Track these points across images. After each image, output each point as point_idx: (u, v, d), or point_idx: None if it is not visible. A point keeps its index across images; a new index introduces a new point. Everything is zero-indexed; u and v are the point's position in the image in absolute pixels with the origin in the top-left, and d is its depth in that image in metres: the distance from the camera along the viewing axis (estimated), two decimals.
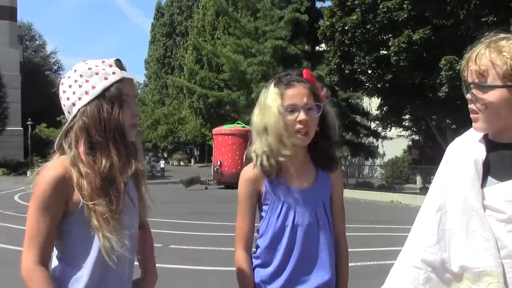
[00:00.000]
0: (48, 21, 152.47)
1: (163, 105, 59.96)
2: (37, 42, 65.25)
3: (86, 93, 1.52)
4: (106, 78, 1.54)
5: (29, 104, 45.04)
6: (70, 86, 1.55)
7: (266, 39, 27.03)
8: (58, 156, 1.55)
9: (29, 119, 39.58)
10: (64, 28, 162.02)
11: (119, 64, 1.59)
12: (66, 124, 1.54)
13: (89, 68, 1.55)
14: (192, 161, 60.07)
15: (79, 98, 1.53)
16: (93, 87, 1.52)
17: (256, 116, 1.86)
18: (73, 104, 1.54)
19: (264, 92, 1.87)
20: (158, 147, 58.60)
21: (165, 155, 59.22)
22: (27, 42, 61.40)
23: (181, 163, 55.93)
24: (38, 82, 52.04)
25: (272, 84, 1.84)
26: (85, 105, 1.51)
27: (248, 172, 1.87)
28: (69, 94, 1.55)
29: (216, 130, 26.83)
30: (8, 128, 40.25)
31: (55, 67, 65.83)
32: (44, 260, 1.47)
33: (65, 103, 1.56)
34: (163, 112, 55.99)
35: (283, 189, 1.85)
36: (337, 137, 1.91)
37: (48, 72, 62.07)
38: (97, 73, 1.54)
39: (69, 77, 1.57)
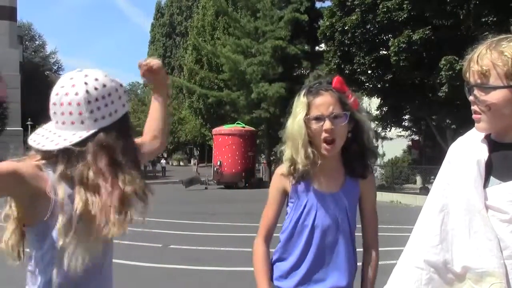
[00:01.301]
0: (48, 21, 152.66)
1: None
2: (37, 42, 65.27)
3: (110, 114, 1.47)
4: (124, 105, 1.52)
5: (29, 104, 45.03)
6: (96, 99, 1.44)
7: (266, 39, 27.03)
8: (37, 159, 1.46)
9: (29, 119, 39.58)
10: (64, 28, 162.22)
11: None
12: (81, 137, 1.43)
13: (116, 90, 1.50)
14: (192, 161, 60.07)
15: (103, 117, 1.45)
16: (116, 111, 1.49)
17: (288, 122, 1.92)
18: (95, 120, 1.44)
19: (296, 98, 1.92)
20: None
21: (165, 155, 59.20)
22: (27, 42, 61.40)
23: (181, 163, 55.92)
24: (38, 82, 52.00)
25: (302, 94, 1.89)
26: (108, 126, 1.46)
27: (281, 169, 1.95)
28: (93, 107, 1.44)
29: (216, 130, 26.83)
30: (8, 128, 40.24)
31: (55, 67, 65.81)
32: None
33: (82, 112, 1.44)
34: None
35: (307, 191, 1.90)
36: (371, 144, 1.94)
37: (48, 72, 62.00)
38: (120, 98, 1.50)
39: (95, 88, 1.45)
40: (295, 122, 1.84)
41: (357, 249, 1.97)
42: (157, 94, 1.92)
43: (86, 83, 1.44)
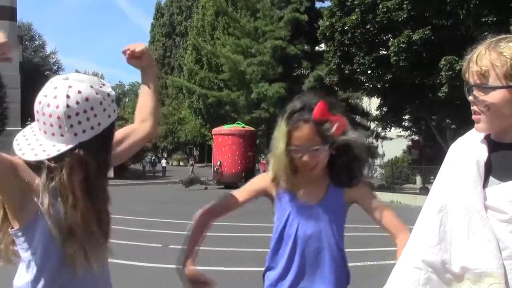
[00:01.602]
0: (48, 21, 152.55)
1: (162, 105, 59.93)
2: (37, 42, 65.27)
3: (92, 128, 1.43)
4: (109, 116, 1.48)
5: (29, 104, 44.85)
6: (77, 114, 1.40)
7: (266, 39, 27.05)
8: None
9: (29, 119, 39.51)
10: (64, 28, 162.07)
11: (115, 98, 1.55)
12: (59, 151, 1.40)
13: (100, 103, 1.45)
14: (190, 161, 60.05)
15: (83, 131, 1.42)
16: (99, 124, 1.44)
17: (272, 139, 1.92)
18: (75, 135, 1.41)
19: (278, 122, 1.90)
20: (158, 147, 58.61)
21: (165, 155, 59.24)
22: (26, 42, 61.39)
23: (181, 163, 55.94)
24: (38, 82, 51.96)
25: (283, 120, 1.86)
26: (89, 140, 1.43)
27: (264, 177, 1.99)
28: (73, 122, 1.40)
29: (215, 130, 26.83)
30: (8, 128, 40.22)
31: (55, 67, 65.81)
32: None
33: (66, 130, 1.41)
34: (162, 112, 56.00)
35: (291, 201, 1.92)
36: (362, 155, 1.89)
37: (48, 72, 61.98)
38: (104, 110, 1.46)
39: (77, 102, 1.40)
40: (277, 150, 1.86)
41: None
42: (145, 78, 1.89)
43: (68, 96, 1.39)
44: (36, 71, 55.38)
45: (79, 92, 1.41)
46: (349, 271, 1.98)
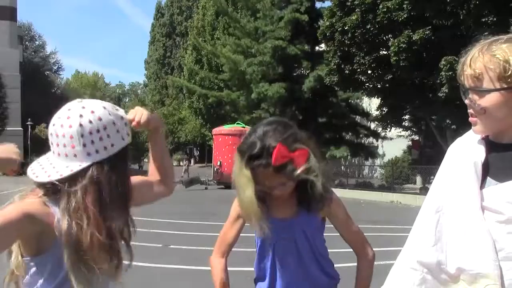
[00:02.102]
0: (48, 21, 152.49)
1: (163, 105, 59.98)
2: (37, 42, 65.28)
3: (105, 148, 1.44)
4: (123, 139, 1.49)
5: (29, 104, 45.06)
6: (90, 133, 1.41)
7: (266, 39, 27.04)
8: (38, 196, 1.46)
9: (29, 119, 39.61)
10: (64, 28, 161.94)
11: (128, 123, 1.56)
12: (72, 171, 1.41)
13: (114, 123, 1.46)
14: (192, 161, 60.08)
15: (97, 151, 1.42)
16: (112, 145, 1.45)
17: (235, 183, 1.88)
18: (88, 154, 1.42)
19: (236, 165, 1.86)
20: None
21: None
22: (27, 42, 61.41)
23: (181, 163, 55.94)
24: (38, 82, 52.05)
25: (243, 165, 1.81)
26: (102, 161, 1.43)
27: (237, 208, 1.99)
28: (86, 141, 1.41)
29: (216, 130, 26.84)
30: (8, 128, 40.28)
31: (55, 67, 65.87)
32: None
33: (75, 145, 1.42)
34: (163, 112, 55.99)
35: (267, 217, 1.87)
36: (324, 183, 1.82)
37: (48, 72, 62.04)
38: (118, 131, 1.47)
39: (90, 121, 1.42)
40: (245, 197, 1.80)
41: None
42: (153, 137, 1.79)
43: (81, 116, 1.41)
44: (36, 71, 55.39)
45: (92, 112, 1.43)
46: (336, 272, 2.02)
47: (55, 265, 1.43)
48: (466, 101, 1.41)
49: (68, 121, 1.42)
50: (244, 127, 25.77)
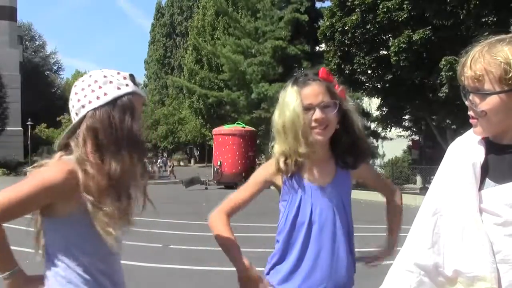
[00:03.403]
0: (48, 21, 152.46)
1: (163, 105, 59.93)
2: (37, 42, 65.27)
3: (98, 98, 1.57)
4: (119, 88, 1.59)
5: (29, 104, 45.05)
6: (82, 89, 1.59)
7: (266, 39, 27.04)
8: (60, 156, 1.58)
9: (29, 119, 39.60)
10: (64, 28, 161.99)
11: (133, 79, 1.64)
12: (73, 124, 1.59)
13: (104, 76, 1.60)
14: (192, 161, 60.06)
15: (90, 102, 1.57)
16: (105, 94, 1.57)
17: (276, 117, 1.88)
18: (82, 106, 1.57)
19: (282, 92, 1.89)
20: (158, 147, 58.61)
21: (165, 155, 59.28)
22: (27, 42, 61.38)
23: (181, 163, 55.94)
24: (38, 82, 52.04)
25: (290, 84, 1.87)
26: (95, 109, 1.56)
27: (272, 164, 1.90)
28: (80, 96, 1.59)
29: (216, 130, 26.81)
30: (8, 128, 40.24)
31: (55, 67, 65.89)
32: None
33: (74, 104, 1.60)
34: (163, 112, 55.98)
35: (301, 185, 1.86)
36: (362, 134, 1.92)
37: (48, 72, 62.04)
38: (111, 82, 1.59)
39: (83, 81, 1.61)
40: (290, 111, 1.80)
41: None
42: None
43: (78, 80, 1.63)
44: (36, 71, 55.37)
45: (88, 73, 1.65)
46: (354, 257, 1.98)
47: (86, 222, 1.53)
48: (467, 103, 1.40)
49: (73, 89, 1.64)
50: (244, 127, 25.77)
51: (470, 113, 1.40)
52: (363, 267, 2.13)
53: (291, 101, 1.81)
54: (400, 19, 16.82)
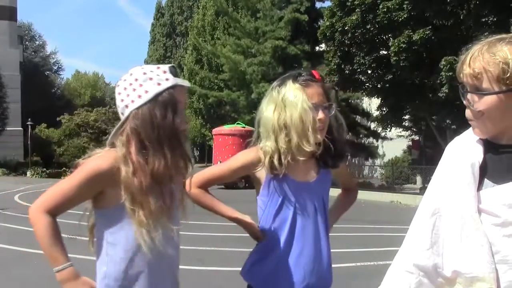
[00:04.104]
0: (48, 21, 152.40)
1: None
2: (37, 42, 65.20)
3: (139, 96, 1.59)
4: (159, 84, 1.60)
5: (29, 104, 45.03)
6: (125, 88, 1.62)
7: (266, 39, 27.03)
8: (109, 148, 1.63)
9: (29, 119, 39.57)
10: (64, 28, 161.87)
11: (173, 70, 1.65)
12: (119, 124, 1.61)
13: (144, 73, 1.61)
14: (192, 161, 59.94)
15: (132, 101, 1.59)
16: (146, 92, 1.59)
17: (272, 113, 1.85)
18: (126, 106, 1.60)
19: (279, 89, 1.86)
20: None
21: None
22: (27, 42, 61.34)
23: None
24: (38, 82, 51.99)
25: (290, 81, 1.85)
26: (137, 108, 1.58)
27: (253, 155, 1.89)
28: (123, 96, 1.62)
29: (216, 130, 26.80)
30: (8, 128, 40.25)
31: (55, 67, 65.78)
32: (52, 213, 1.57)
33: (119, 104, 1.63)
34: None
35: (284, 182, 1.86)
36: (342, 136, 1.94)
37: (48, 72, 61.96)
38: (151, 78, 1.60)
39: (124, 80, 1.64)
40: (297, 107, 1.78)
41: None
42: None
43: (120, 79, 1.65)
44: (36, 71, 55.34)
45: (128, 72, 1.65)
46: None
47: (123, 216, 1.56)
48: (465, 102, 1.39)
49: (116, 88, 1.67)
50: (244, 127, 25.75)
51: (467, 114, 1.40)
52: (363, 267, 2.13)
53: (297, 97, 1.80)
54: (400, 19, 16.82)
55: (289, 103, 1.81)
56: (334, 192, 2.00)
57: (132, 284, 1.61)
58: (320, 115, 1.81)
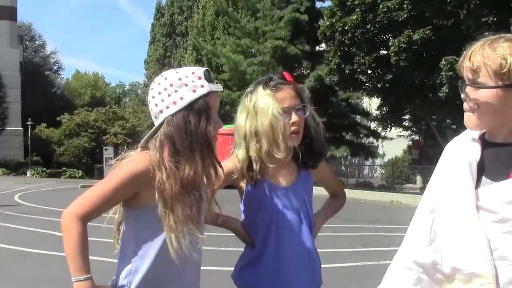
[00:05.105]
0: (48, 21, 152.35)
1: None
2: (37, 42, 65.20)
3: (174, 103, 1.58)
4: (194, 91, 1.58)
5: (29, 104, 45.01)
6: (159, 93, 1.60)
7: (266, 39, 27.03)
8: (141, 150, 1.63)
9: (29, 119, 39.57)
10: (65, 28, 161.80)
11: (207, 75, 1.63)
12: (153, 129, 1.60)
13: (179, 79, 1.59)
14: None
15: (167, 107, 1.58)
16: (181, 98, 1.58)
17: (244, 121, 1.87)
18: (161, 111, 1.59)
19: (250, 96, 1.86)
20: None
21: None
22: (27, 42, 61.36)
23: None
24: (38, 82, 51.98)
25: (260, 88, 1.84)
26: (172, 115, 1.57)
27: (230, 164, 1.91)
28: (157, 101, 1.60)
29: None
30: (8, 128, 40.27)
31: (55, 67, 65.76)
32: (86, 220, 1.56)
33: (152, 108, 1.62)
34: None
35: (264, 187, 1.86)
36: (319, 136, 1.92)
37: (48, 72, 61.94)
38: (186, 85, 1.59)
39: (159, 83, 1.62)
40: (267, 114, 1.78)
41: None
42: None
43: (154, 82, 1.64)
44: (36, 71, 55.33)
45: (163, 76, 1.63)
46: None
47: (153, 219, 1.56)
48: (462, 96, 1.41)
49: (150, 92, 1.66)
50: None
51: (465, 106, 1.41)
52: (363, 267, 2.13)
53: (267, 104, 1.79)
54: (400, 19, 16.83)
55: (260, 110, 1.81)
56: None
57: (155, 284, 1.61)
58: (294, 118, 1.80)
